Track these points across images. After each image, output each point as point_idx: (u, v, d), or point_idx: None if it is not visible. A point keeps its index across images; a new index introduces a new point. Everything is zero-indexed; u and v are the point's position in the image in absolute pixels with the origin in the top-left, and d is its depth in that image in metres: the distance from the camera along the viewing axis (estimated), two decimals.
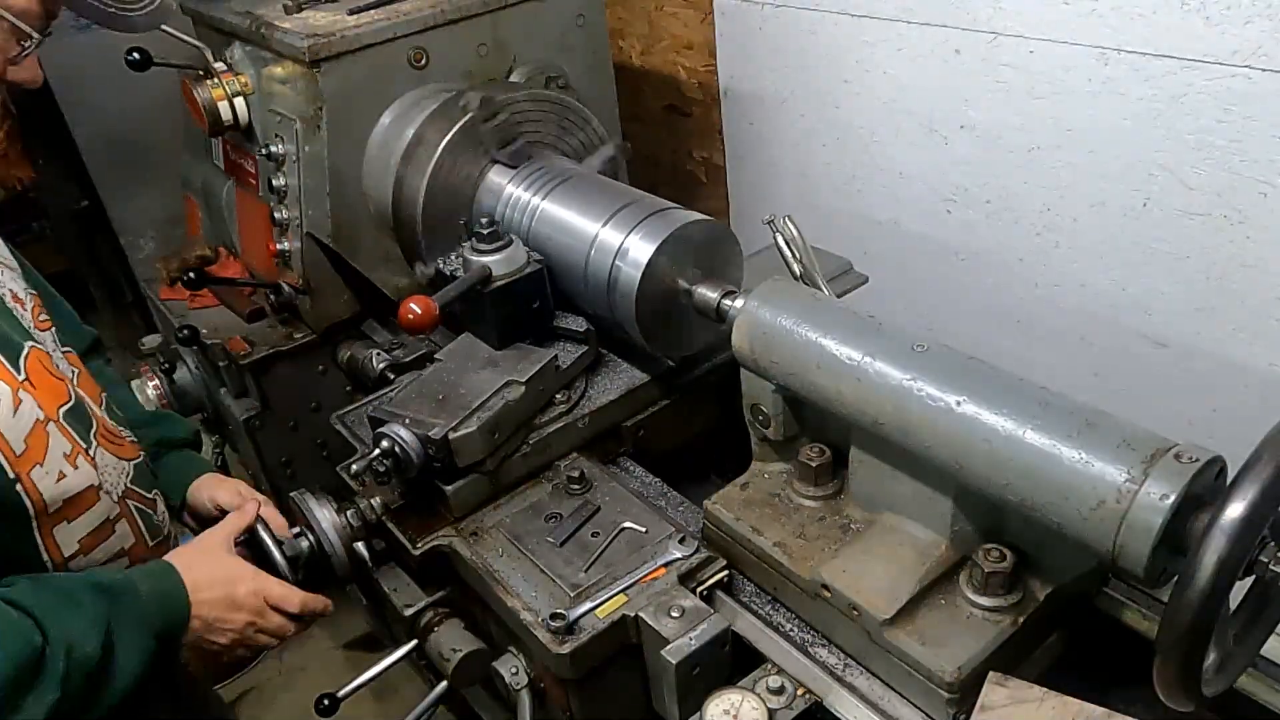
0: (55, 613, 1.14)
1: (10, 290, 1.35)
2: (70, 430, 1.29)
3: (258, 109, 2.19)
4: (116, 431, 1.43)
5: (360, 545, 1.56)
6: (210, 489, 1.59)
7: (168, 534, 1.50)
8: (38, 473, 1.21)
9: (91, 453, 1.32)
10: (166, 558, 1.35)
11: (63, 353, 1.40)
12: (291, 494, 1.59)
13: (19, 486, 1.19)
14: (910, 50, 2.25)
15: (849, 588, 1.25)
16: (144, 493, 1.44)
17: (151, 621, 1.24)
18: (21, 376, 1.23)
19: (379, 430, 1.49)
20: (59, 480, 1.24)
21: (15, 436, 1.19)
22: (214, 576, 1.34)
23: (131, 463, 1.43)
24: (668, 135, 3.16)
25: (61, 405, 1.29)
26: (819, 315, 1.35)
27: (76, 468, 1.27)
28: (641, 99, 3.14)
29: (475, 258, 1.63)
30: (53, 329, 1.41)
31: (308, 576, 1.53)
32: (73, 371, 1.39)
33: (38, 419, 1.23)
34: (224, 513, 1.55)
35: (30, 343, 1.29)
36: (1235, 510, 0.90)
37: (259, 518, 1.51)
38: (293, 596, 1.42)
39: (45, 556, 1.26)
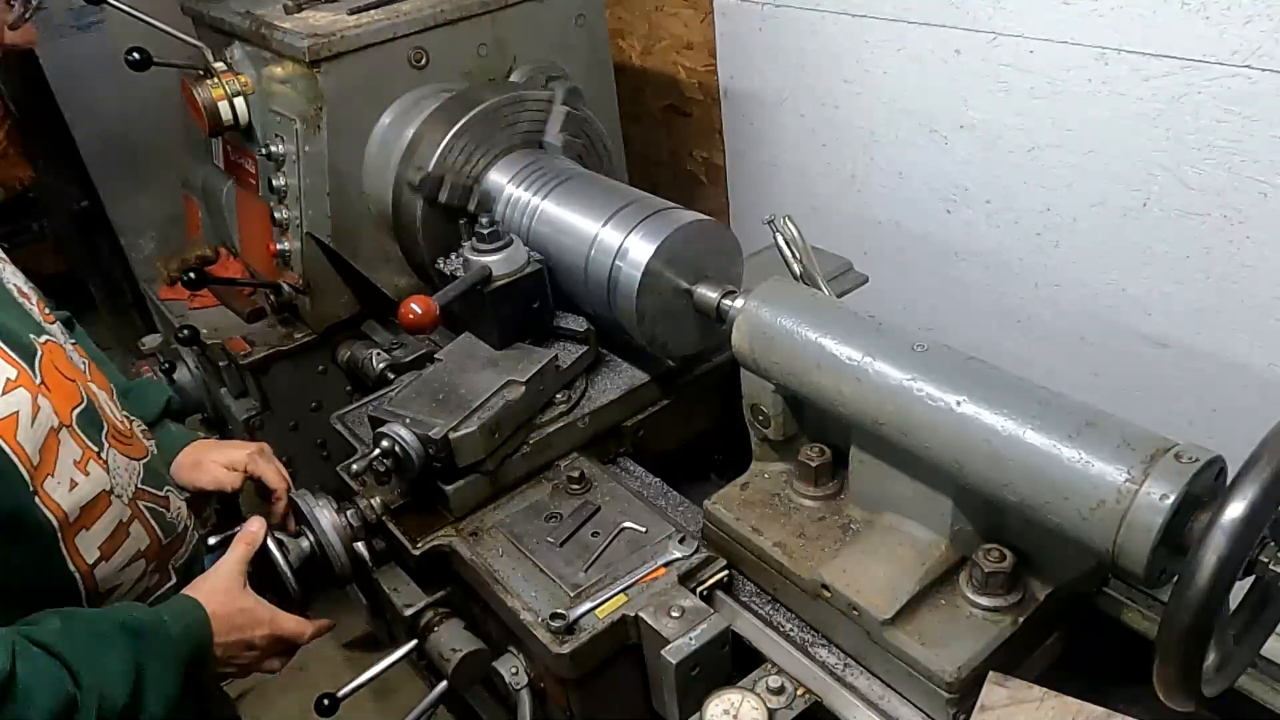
0: (88, 657, 1.12)
1: (15, 285, 1.33)
2: (82, 435, 1.26)
3: (258, 109, 2.19)
4: (126, 430, 1.41)
5: (360, 545, 1.56)
6: (195, 472, 1.58)
7: (182, 530, 1.48)
8: (50, 484, 1.20)
9: (104, 455, 1.30)
10: (189, 593, 1.34)
11: (71, 344, 1.37)
12: (291, 493, 1.59)
13: (38, 500, 1.18)
14: (910, 50, 2.25)
15: (849, 588, 1.25)
16: (155, 491, 1.42)
17: (182, 662, 1.24)
18: (38, 380, 1.21)
19: (379, 430, 1.49)
20: (71, 489, 1.22)
21: (32, 449, 1.17)
22: (233, 622, 1.33)
23: (141, 462, 1.40)
24: (668, 135, 3.16)
25: (75, 408, 1.27)
26: (819, 315, 1.35)
27: (88, 474, 1.25)
28: (641, 99, 3.14)
29: (475, 258, 1.63)
30: (58, 321, 1.39)
31: (308, 576, 1.53)
32: (84, 365, 1.37)
33: (52, 427, 1.20)
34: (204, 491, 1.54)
35: (45, 337, 1.27)
36: (1235, 510, 0.90)
37: (265, 525, 1.51)
38: (305, 631, 1.43)
39: (71, 566, 1.25)
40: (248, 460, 1.60)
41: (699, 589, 1.40)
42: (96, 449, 1.29)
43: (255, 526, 1.48)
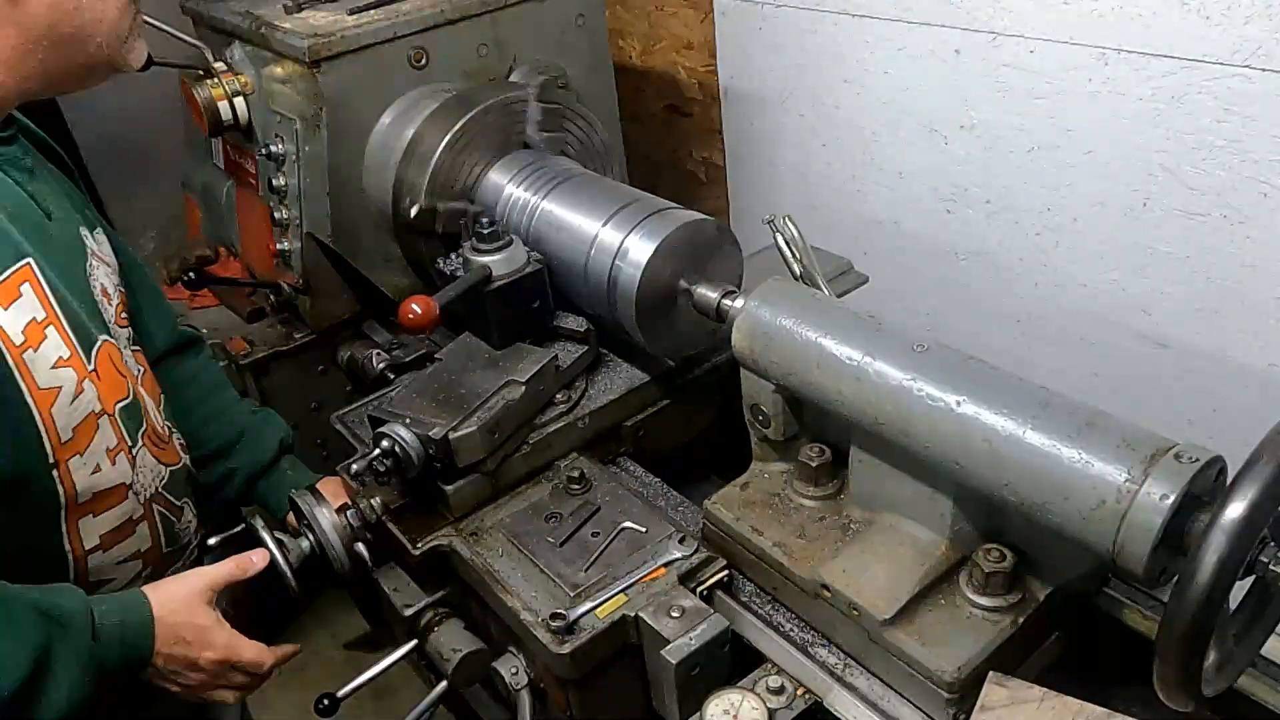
0: None
1: (102, 284, 1.39)
2: (121, 426, 1.31)
3: (258, 109, 2.19)
4: (164, 435, 1.45)
5: (360, 545, 1.56)
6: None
7: (186, 544, 1.50)
8: (75, 462, 1.23)
9: (134, 452, 1.34)
10: (147, 590, 1.30)
11: (132, 351, 1.43)
12: (291, 493, 1.60)
13: (55, 473, 1.22)
14: (910, 50, 2.25)
15: (849, 588, 1.25)
16: (173, 499, 1.44)
17: (100, 659, 1.20)
18: (91, 367, 1.26)
19: (379, 430, 1.49)
20: (93, 473, 1.26)
21: (65, 424, 1.21)
22: (179, 634, 1.28)
23: (169, 468, 1.43)
24: (668, 135, 3.16)
25: (119, 401, 1.32)
26: (819, 315, 1.34)
27: (114, 464, 1.29)
28: (641, 99, 3.14)
29: (475, 258, 1.63)
30: (130, 328, 1.45)
31: (309, 576, 1.53)
32: (139, 370, 1.42)
33: (93, 410, 1.25)
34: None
35: (105, 336, 1.33)
36: (1235, 510, 0.90)
37: (266, 525, 1.52)
38: (265, 659, 1.38)
39: (67, 546, 1.28)
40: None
41: (699, 589, 1.39)
42: (130, 444, 1.33)
43: (258, 559, 1.45)
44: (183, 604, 1.30)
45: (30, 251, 1.22)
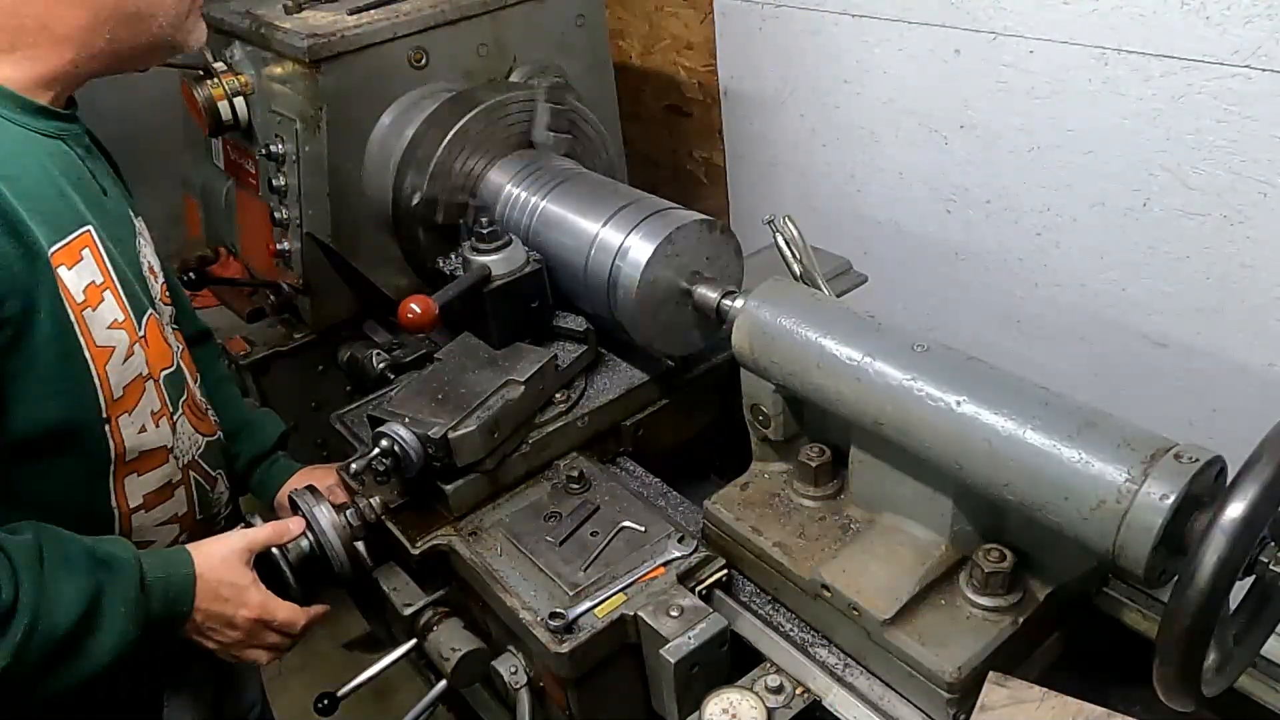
0: (42, 576, 1.13)
1: (149, 262, 1.48)
2: (165, 392, 1.38)
3: (258, 109, 2.19)
4: (202, 407, 1.53)
5: (360, 545, 1.56)
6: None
7: (216, 514, 1.56)
8: (124, 419, 1.30)
9: (175, 418, 1.41)
10: (190, 548, 1.35)
11: (172, 329, 1.50)
12: (291, 493, 1.59)
13: (107, 428, 1.28)
14: (910, 50, 2.25)
15: (849, 588, 1.25)
16: (208, 469, 1.51)
17: (145, 609, 1.24)
18: (141, 333, 1.33)
19: (378, 430, 1.49)
20: (139, 433, 1.32)
21: (117, 382, 1.28)
22: (218, 592, 1.33)
23: (206, 438, 1.51)
24: (668, 135, 3.16)
25: (164, 369, 1.40)
26: (819, 315, 1.34)
27: (158, 427, 1.36)
28: (641, 99, 3.14)
29: (475, 257, 1.63)
30: (172, 308, 1.53)
31: (308, 576, 1.53)
32: (179, 347, 1.49)
33: (141, 373, 1.32)
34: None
35: (152, 310, 1.40)
36: (1235, 510, 0.90)
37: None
38: (298, 619, 1.43)
39: (113, 502, 1.33)
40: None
41: (698, 588, 1.39)
42: (172, 410, 1.41)
43: (294, 526, 1.49)
44: (222, 562, 1.36)
45: (90, 220, 1.29)
